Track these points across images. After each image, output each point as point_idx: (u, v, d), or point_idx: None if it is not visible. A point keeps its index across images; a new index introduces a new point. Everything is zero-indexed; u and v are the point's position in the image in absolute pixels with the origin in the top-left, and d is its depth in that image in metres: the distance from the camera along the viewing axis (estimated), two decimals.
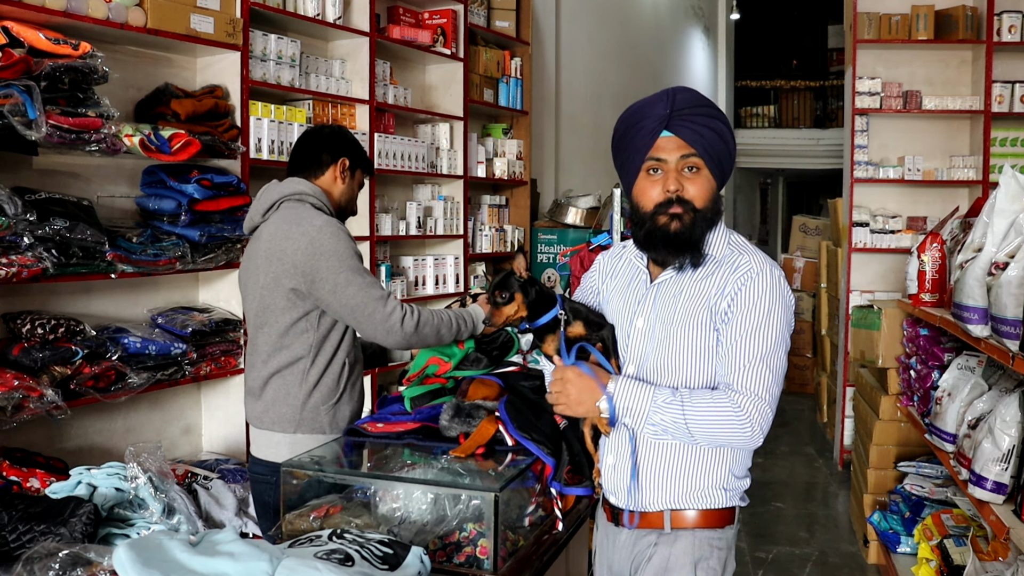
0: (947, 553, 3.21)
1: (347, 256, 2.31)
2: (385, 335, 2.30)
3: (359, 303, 2.29)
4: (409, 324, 2.29)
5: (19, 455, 2.63)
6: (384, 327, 2.28)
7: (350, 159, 2.54)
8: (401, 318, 2.28)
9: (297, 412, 2.36)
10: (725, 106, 12.22)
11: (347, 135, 2.59)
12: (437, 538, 1.86)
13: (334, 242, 2.30)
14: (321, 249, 2.29)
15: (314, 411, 2.37)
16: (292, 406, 2.36)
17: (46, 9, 2.67)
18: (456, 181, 4.84)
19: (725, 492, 1.83)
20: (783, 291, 1.75)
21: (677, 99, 1.76)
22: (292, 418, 2.36)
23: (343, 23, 3.97)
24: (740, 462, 1.86)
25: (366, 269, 2.36)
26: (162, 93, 3.17)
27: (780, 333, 1.73)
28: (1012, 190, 2.54)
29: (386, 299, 2.31)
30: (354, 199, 2.63)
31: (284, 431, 2.37)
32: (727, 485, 1.83)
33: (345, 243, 2.33)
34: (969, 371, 3.07)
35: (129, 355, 2.91)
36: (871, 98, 5.56)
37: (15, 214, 2.54)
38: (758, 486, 5.56)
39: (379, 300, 2.29)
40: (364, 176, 2.64)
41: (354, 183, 2.59)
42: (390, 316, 2.28)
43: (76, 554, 1.52)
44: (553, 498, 2.02)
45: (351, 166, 2.55)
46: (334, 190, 2.53)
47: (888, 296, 5.43)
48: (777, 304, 1.73)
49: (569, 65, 6.69)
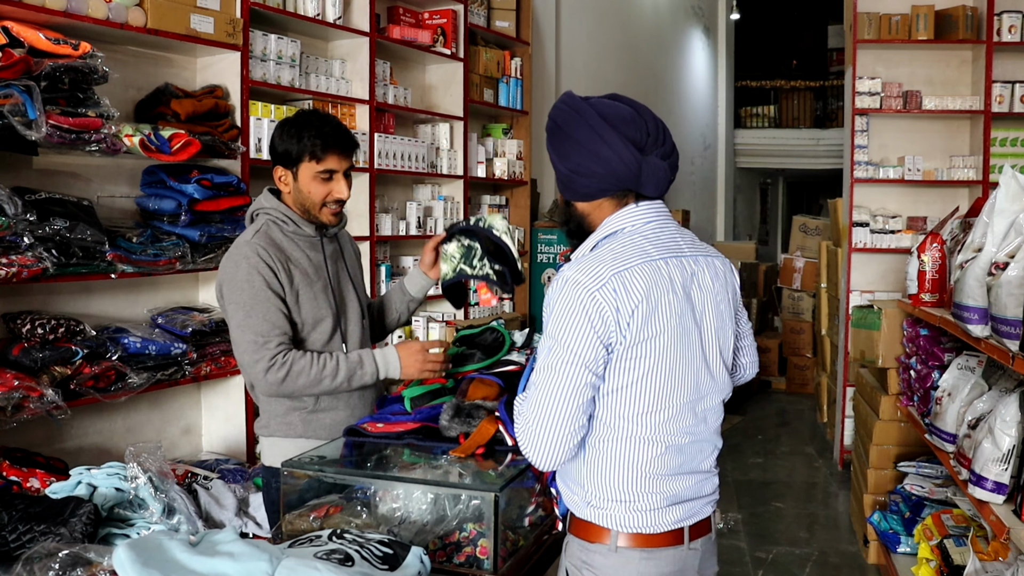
0: (947, 553, 3.21)
1: (240, 288, 2.18)
2: (251, 383, 2.22)
3: (235, 340, 2.20)
4: (274, 376, 2.14)
5: (19, 455, 2.63)
6: (249, 373, 2.18)
7: (281, 164, 2.28)
8: (266, 369, 2.13)
9: (269, 417, 2.33)
10: (725, 106, 12.22)
11: (274, 134, 2.29)
12: (437, 538, 1.85)
13: (232, 271, 2.21)
14: (224, 274, 2.24)
15: (284, 416, 2.31)
16: (266, 411, 2.34)
17: (46, 9, 2.67)
18: (456, 181, 4.84)
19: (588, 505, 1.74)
20: (569, 305, 1.63)
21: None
22: (267, 423, 2.34)
23: (343, 23, 3.97)
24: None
25: (261, 307, 2.17)
26: (162, 93, 3.17)
27: (563, 347, 1.63)
28: (1012, 190, 2.54)
29: (259, 345, 2.14)
30: (313, 196, 2.27)
31: (262, 435, 2.36)
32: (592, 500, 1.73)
33: (245, 273, 2.18)
34: (969, 371, 3.07)
35: (129, 355, 2.91)
36: (871, 98, 5.56)
37: (15, 214, 2.54)
38: (758, 486, 5.56)
39: (250, 344, 2.15)
40: (314, 164, 2.24)
41: (299, 183, 2.27)
42: (255, 364, 2.14)
43: (76, 554, 1.52)
44: (553, 498, 2.02)
45: (287, 168, 2.28)
46: (287, 199, 2.33)
47: (888, 296, 5.43)
48: (560, 318, 1.63)
49: (569, 65, 6.69)
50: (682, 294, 1.68)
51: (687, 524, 1.73)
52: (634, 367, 1.64)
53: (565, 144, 1.72)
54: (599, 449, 1.70)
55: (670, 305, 1.66)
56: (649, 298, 1.63)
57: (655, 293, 1.64)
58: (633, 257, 1.65)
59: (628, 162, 1.69)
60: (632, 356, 1.63)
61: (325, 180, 2.27)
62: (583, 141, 1.69)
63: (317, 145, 2.24)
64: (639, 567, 1.69)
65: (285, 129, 2.28)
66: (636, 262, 1.65)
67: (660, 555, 1.70)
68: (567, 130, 1.71)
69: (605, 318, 1.61)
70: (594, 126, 1.68)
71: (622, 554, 1.69)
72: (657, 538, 1.69)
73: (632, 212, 1.73)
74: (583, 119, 1.70)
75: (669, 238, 1.73)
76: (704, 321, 1.72)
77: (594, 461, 1.71)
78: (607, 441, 1.69)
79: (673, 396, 1.68)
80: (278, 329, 2.19)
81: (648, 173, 1.71)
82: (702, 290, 1.73)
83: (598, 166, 1.69)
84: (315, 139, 2.24)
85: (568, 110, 1.73)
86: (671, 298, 1.66)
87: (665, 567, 1.70)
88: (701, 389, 1.73)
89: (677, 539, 1.71)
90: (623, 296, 1.61)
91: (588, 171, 1.70)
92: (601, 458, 1.70)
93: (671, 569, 1.71)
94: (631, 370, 1.65)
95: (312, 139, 2.24)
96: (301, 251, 2.32)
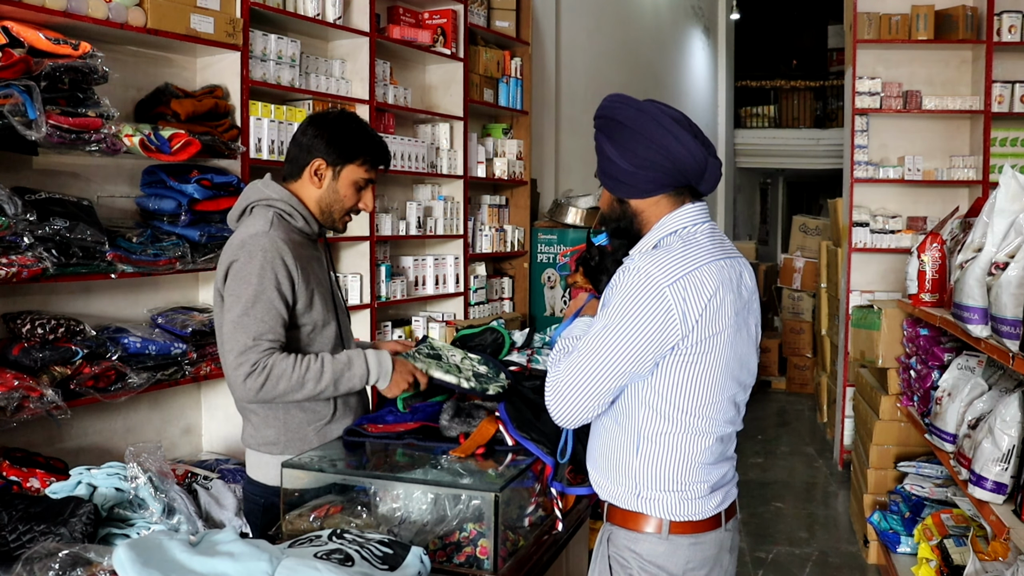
0: (947, 553, 3.21)
1: (248, 280, 2.06)
2: (231, 386, 2.08)
3: (225, 337, 2.07)
4: (253, 383, 2.01)
5: (19, 455, 2.63)
6: (230, 377, 2.06)
7: (326, 159, 2.20)
8: (246, 375, 2.01)
9: (281, 434, 2.20)
10: (725, 106, 12.22)
11: (326, 126, 2.22)
12: (437, 538, 1.86)
13: (245, 260, 2.08)
14: (233, 261, 2.10)
15: (299, 431, 2.20)
16: (276, 428, 2.20)
17: (46, 9, 2.67)
18: (456, 181, 4.84)
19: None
20: (636, 293, 1.69)
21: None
22: (277, 440, 2.20)
23: (343, 23, 3.97)
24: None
25: (262, 306, 2.06)
26: (162, 93, 3.16)
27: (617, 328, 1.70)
28: (1012, 190, 2.54)
29: (247, 348, 2.02)
30: (345, 201, 2.25)
31: (271, 453, 2.21)
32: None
33: (258, 266, 2.06)
34: (969, 371, 3.08)
35: (129, 355, 2.91)
36: (871, 98, 5.56)
37: (15, 214, 2.54)
38: (758, 486, 5.56)
39: (239, 344, 2.03)
40: (363, 170, 2.23)
41: (338, 183, 2.22)
42: (237, 368, 2.02)
43: (76, 554, 1.52)
44: (553, 498, 2.02)
45: (330, 164, 2.21)
46: (309, 194, 2.23)
47: (888, 296, 5.43)
48: (623, 302, 1.70)
49: (569, 65, 6.69)
50: (738, 293, 1.77)
51: (724, 508, 1.83)
52: (697, 363, 1.72)
53: (631, 140, 1.75)
54: (656, 442, 1.76)
55: (732, 304, 1.74)
56: (716, 297, 1.70)
57: (721, 292, 1.72)
58: (701, 257, 1.72)
59: (697, 157, 1.75)
60: (696, 352, 1.71)
61: (360, 189, 2.25)
62: (654, 136, 1.73)
63: (373, 153, 2.23)
64: (687, 553, 1.78)
65: (340, 126, 2.22)
66: (704, 262, 1.72)
67: (705, 539, 1.79)
68: (634, 126, 1.75)
69: (670, 317, 1.67)
70: (663, 123, 1.74)
71: (672, 541, 1.77)
72: (703, 524, 1.79)
73: (690, 212, 1.80)
74: (650, 116, 1.74)
75: (720, 239, 1.82)
76: (750, 319, 1.82)
77: (649, 454, 1.77)
78: (665, 435, 1.76)
79: (725, 390, 1.77)
80: (272, 333, 2.06)
81: (711, 170, 1.78)
82: (747, 290, 1.81)
83: (668, 161, 1.74)
84: (372, 147, 2.24)
85: (630, 108, 1.77)
86: (732, 297, 1.74)
87: (708, 550, 1.80)
88: (743, 382, 1.83)
89: (717, 523, 1.81)
90: (692, 295, 1.68)
91: (657, 165, 1.75)
92: (658, 451, 1.76)
93: (713, 552, 1.81)
94: (694, 365, 1.72)
95: (369, 146, 2.23)
96: (306, 248, 2.22)
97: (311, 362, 2.07)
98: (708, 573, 1.80)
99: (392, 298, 4.36)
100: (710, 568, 1.81)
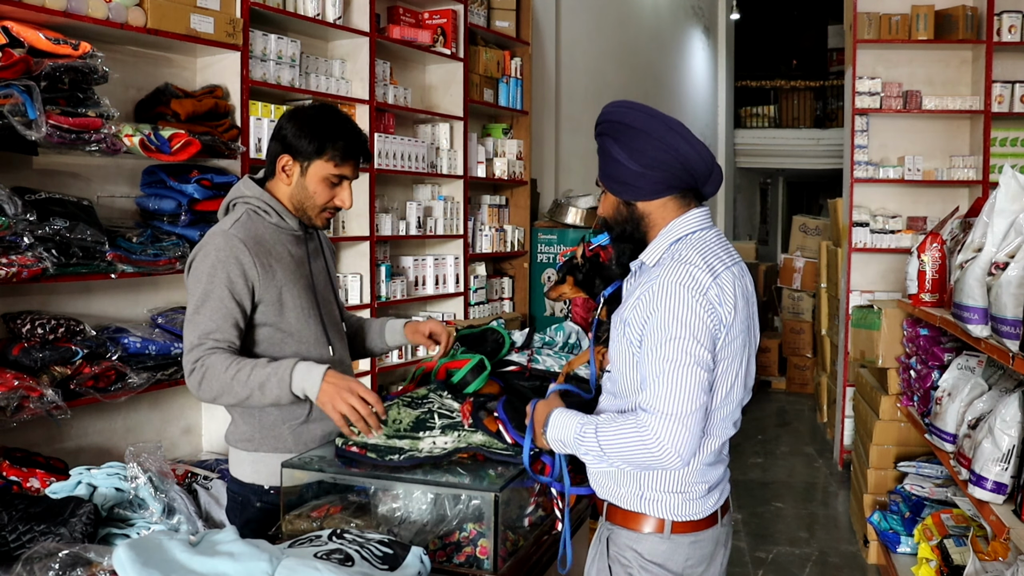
0: (947, 553, 3.21)
1: (199, 279, 2.05)
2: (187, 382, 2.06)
3: (184, 334, 2.08)
4: (193, 382, 2.01)
5: (19, 455, 2.63)
6: (184, 372, 2.05)
7: (291, 155, 2.12)
8: (189, 373, 2.01)
9: (256, 431, 2.15)
10: (725, 106, 12.22)
11: (294, 120, 2.13)
12: (437, 538, 1.86)
13: (200, 260, 2.07)
14: (192, 264, 2.09)
15: (273, 428, 2.14)
16: (251, 424, 2.15)
17: (46, 9, 2.67)
18: (456, 181, 4.84)
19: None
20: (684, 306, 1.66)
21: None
22: (252, 436, 2.16)
23: (343, 23, 3.97)
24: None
25: (212, 304, 2.03)
26: (162, 93, 3.17)
27: (684, 348, 1.65)
28: (1012, 190, 2.54)
29: (192, 347, 2.01)
30: (316, 198, 2.15)
31: (246, 449, 2.17)
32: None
33: (209, 265, 2.04)
34: (969, 371, 3.08)
35: (129, 355, 2.91)
36: (871, 98, 5.56)
37: (15, 214, 2.54)
38: (758, 486, 5.56)
39: (186, 342, 2.04)
40: (331, 166, 2.12)
41: (306, 180, 2.14)
42: (185, 366, 2.03)
43: (76, 554, 1.52)
44: (553, 498, 2.02)
45: (296, 160, 2.13)
46: (282, 191, 2.16)
47: (888, 296, 5.43)
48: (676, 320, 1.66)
49: (569, 65, 6.69)
50: (747, 300, 1.79)
51: (719, 506, 1.87)
52: (719, 368, 1.73)
53: (640, 141, 1.76)
54: None
55: (744, 310, 1.76)
56: (736, 302, 1.73)
57: (739, 299, 1.74)
58: (717, 263, 1.74)
59: (706, 159, 1.78)
60: (720, 358, 1.73)
61: (333, 185, 2.15)
62: (663, 137, 1.75)
63: (341, 148, 2.12)
64: (687, 550, 1.82)
65: (306, 120, 2.12)
66: (722, 268, 1.73)
67: (704, 536, 1.83)
68: (643, 128, 1.76)
69: (713, 315, 1.68)
70: (671, 125, 1.77)
71: (674, 540, 1.81)
72: (702, 523, 1.83)
73: (696, 216, 1.81)
74: (658, 120, 1.77)
75: (727, 245, 1.84)
76: (753, 324, 1.84)
77: None
78: None
79: (734, 393, 1.79)
80: (219, 332, 2.01)
81: (716, 173, 1.81)
82: (751, 294, 1.83)
83: (677, 161, 1.76)
84: (340, 141, 2.12)
85: (639, 112, 1.78)
86: (744, 303, 1.76)
87: (706, 547, 1.84)
88: (749, 387, 1.85)
89: (714, 520, 1.85)
90: (723, 299, 1.70)
91: (666, 166, 1.76)
92: None
93: (710, 548, 1.85)
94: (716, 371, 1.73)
95: (337, 140, 2.12)
96: (283, 245, 2.16)
97: (242, 366, 1.98)
98: (706, 568, 1.85)
99: (392, 298, 4.36)
100: (708, 564, 1.85)
